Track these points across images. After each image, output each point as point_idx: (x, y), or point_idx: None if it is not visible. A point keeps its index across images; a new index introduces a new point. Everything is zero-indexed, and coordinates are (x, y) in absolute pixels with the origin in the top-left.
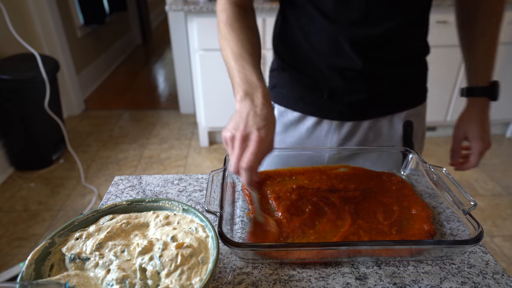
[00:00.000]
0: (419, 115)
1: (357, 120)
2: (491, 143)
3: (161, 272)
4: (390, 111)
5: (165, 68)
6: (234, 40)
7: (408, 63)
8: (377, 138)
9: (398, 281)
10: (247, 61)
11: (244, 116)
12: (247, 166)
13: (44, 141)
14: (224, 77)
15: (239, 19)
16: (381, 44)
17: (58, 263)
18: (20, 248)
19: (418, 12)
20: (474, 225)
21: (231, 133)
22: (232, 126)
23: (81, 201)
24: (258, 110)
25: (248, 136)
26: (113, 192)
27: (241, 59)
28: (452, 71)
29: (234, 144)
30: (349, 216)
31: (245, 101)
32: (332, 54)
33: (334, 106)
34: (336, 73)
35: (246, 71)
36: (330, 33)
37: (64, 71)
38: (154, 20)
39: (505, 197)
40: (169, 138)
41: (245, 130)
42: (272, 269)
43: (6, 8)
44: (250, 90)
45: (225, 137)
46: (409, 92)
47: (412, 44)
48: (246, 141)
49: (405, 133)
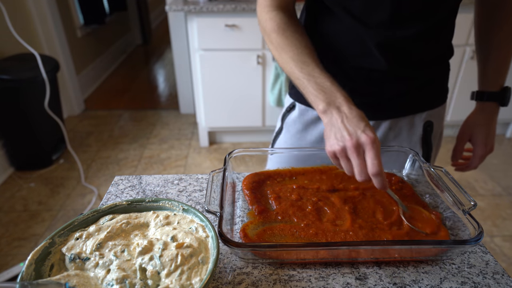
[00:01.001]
0: (439, 115)
1: (377, 120)
2: (494, 148)
3: (161, 272)
4: (411, 111)
5: (165, 68)
6: (291, 49)
7: (433, 65)
8: (397, 138)
9: (398, 281)
10: (312, 67)
11: (341, 126)
12: (378, 171)
13: (44, 141)
14: (224, 77)
15: (289, 25)
16: (407, 46)
17: (58, 263)
18: (20, 248)
19: (444, 14)
20: (474, 225)
21: (339, 146)
22: (334, 140)
23: (81, 201)
24: (349, 114)
25: (358, 142)
26: (113, 192)
27: (305, 67)
28: (452, 71)
29: (350, 154)
30: (349, 216)
31: (330, 111)
32: (357, 54)
33: None
34: (360, 73)
35: (316, 79)
36: (356, 34)
37: (64, 71)
38: (154, 20)
39: (505, 197)
40: (169, 138)
41: (352, 138)
42: (272, 269)
43: (6, 8)
44: (330, 98)
45: (334, 151)
46: (431, 93)
47: (438, 47)
48: (359, 148)
49: (424, 133)
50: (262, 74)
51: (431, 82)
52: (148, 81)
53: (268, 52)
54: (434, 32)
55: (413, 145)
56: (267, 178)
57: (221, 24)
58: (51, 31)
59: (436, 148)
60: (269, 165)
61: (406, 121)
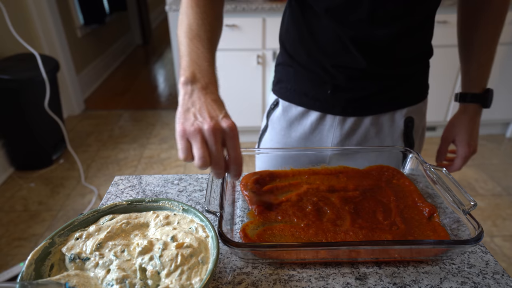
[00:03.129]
0: (420, 111)
1: (359, 116)
2: (477, 149)
3: (161, 272)
4: (392, 108)
5: (165, 68)
6: (194, 18)
7: (412, 63)
8: (379, 134)
9: (398, 281)
10: (203, 43)
11: (203, 105)
12: (241, 161)
13: (44, 141)
14: (224, 77)
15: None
16: (386, 45)
17: (58, 263)
18: (20, 248)
19: (423, 15)
20: (474, 225)
21: (196, 126)
22: (189, 119)
23: (81, 201)
24: (213, 96)
25: (219, 126)
26: (113, 192)
27: (196, 40)
28: (452, 71)
29: (207, 137)
30: (349, 216)
31: (195, 85)
32: (337, 52)
33: (337, 102)
34: (340, 71)
35: (199, 53)
36: (335, 32)
37: (64, 71)
38: (154, 20)
39: (505, 197)
40: (169, 138)
41: (212, 120)
42: (272, 269)
43: (6, 8)
44: (200, 74)
45: (186, 130)
46: (411, 89)
47: (417, 46)
48: (218, 133)
49: (406, 129)
50: (262, 74)
51: (411, 79)
52: (148, 81)
53: (268, 52)
54: (412, 33)
55: (395, 140)
56: (267, 178)
57: None
58: (51, 31)
59: (419, 143)
60: (258, 165)
61: (387, 117)
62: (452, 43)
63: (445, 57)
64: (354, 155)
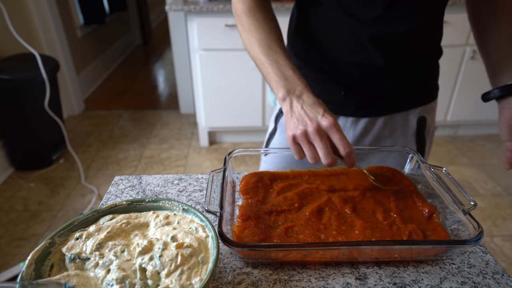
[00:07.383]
0: (432, 110)
1: (373, 116)
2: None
3: (161, 272)
4: (405, 107)
5: (165, 68)
6: (259, 32)
7: (426, 61)
8: (392, 134)
9: (398, 281)
10: (278, 54)
11: (301, 112)
12: (351, 150)
13: (44, 141)
14: (224, 77)
15: (260, 8)
16: (403, 42)
17: (58, 263)
18: (20, 248)
19: (437, 11)
20: (474, 225)
21: (300, 130)
22: (294, 125)
23: (81, 201)
24: (309, 101)
25: (320, 126)
26: (113, 192)
27: (271, 53)
28: (452, 71)
29: (312, 138)
30: (349, 216)
31: (290, 99)
32: (353, 50)
33: (350, 103)
34: (356, 69)
35: (280, 66)
36: (351, 30)
37: (64, 71)
38: (154, 20)
39: (505, 197)
40: (169, 138)
41: (313, 122)
42: (272, 269)
43: (6, 8)
44: (291, 86)
45: (295, 135)
46: (423, 89)
47: (430, 43)
48: (321, 132)
49: (418, 128)
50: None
51: (424, 78)
52: (148, 81)
53: None
54: (426, 29)
55: (408, 140)
56: (267, 178)
57: (221, 24)
58: (51, 31)
59: (429, 143)
60: (264, 167)
61: (400, 117)
62: (452, 43)
63: (445, 57)
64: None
